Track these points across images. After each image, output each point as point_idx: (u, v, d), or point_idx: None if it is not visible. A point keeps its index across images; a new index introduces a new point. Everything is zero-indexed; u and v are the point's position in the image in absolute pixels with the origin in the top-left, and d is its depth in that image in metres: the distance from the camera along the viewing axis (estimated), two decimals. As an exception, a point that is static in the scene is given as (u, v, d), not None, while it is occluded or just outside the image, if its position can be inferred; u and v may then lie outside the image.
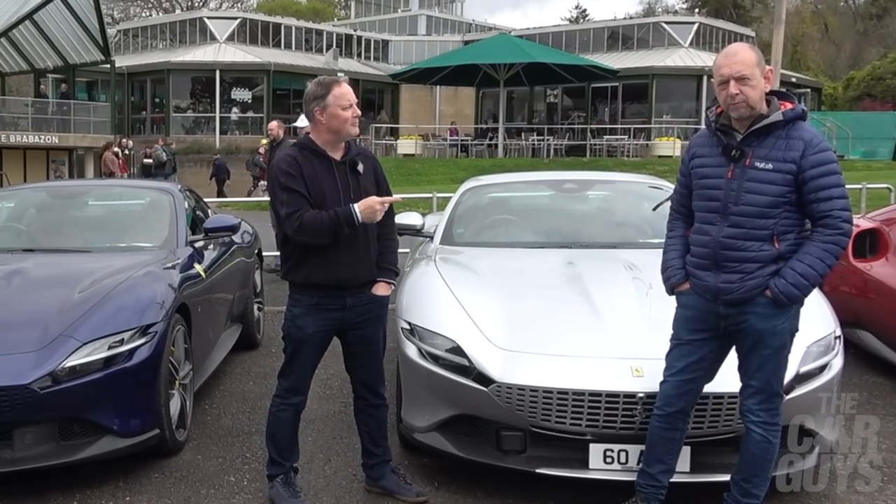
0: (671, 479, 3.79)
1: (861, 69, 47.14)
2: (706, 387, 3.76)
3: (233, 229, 6.09)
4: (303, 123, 10.23)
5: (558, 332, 4.24)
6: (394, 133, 37.63)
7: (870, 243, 6.57)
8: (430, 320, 4.42)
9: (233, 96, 37.87)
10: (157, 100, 39.22)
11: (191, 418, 5.06)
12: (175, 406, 4.74)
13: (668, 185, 6.22)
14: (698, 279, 3.66)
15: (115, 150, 25.25)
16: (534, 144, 33.11)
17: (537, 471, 3.97)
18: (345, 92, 3.88)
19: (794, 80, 39.20)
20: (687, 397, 3.70)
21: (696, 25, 39.63)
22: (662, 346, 3.80)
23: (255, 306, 7.34)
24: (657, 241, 5.41)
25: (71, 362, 4.16)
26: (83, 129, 31.66)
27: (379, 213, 3.85)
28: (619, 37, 40.47)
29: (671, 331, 3.79)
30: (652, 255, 4.91)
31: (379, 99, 42.01)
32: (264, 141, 10.46)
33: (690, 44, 38.28)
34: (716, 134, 3.60)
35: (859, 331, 6.51)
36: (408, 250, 6.67)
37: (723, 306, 3.59)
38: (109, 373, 4.25)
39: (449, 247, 5.69)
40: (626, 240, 5.68)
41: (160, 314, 4.57)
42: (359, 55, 43.82)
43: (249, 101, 37.93)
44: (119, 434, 4.30)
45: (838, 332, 4.31)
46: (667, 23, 40.28)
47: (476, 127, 39.06)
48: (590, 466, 3.93)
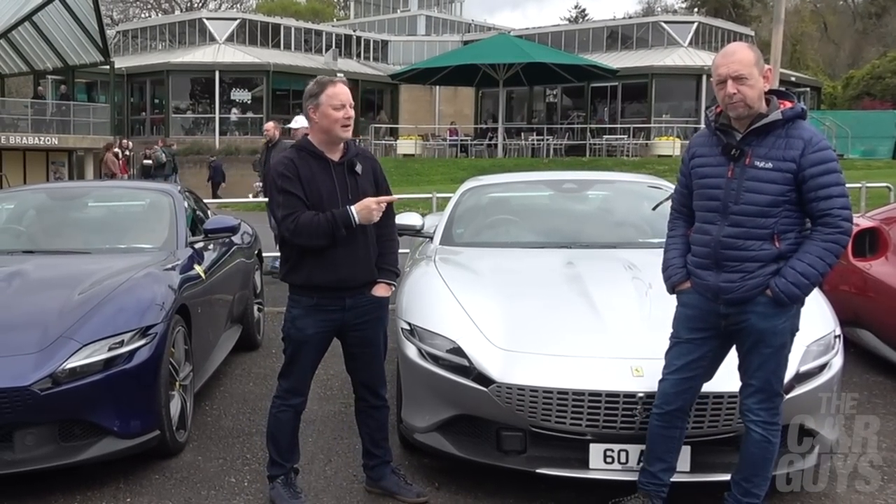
0: (672, 479, 3.79)
1: (860, 68, 47.13)
2: (706, 386, 3.76)
3: (232, 230, 6.09)
4: (296, 125, 10.25)
5: (558, 332, 4.24)
6: (393, 133, 37.62)
7: (869, 242, 6.58)
8: (429, 321, 4.42)
9: (232, 97, 37.86)
10: (156, 101, 39.21)
11: (191, 419, 5.06)
12: (175, 407, 4.74)
13: (668, 184, 6.22)
14: (699, 278, 3.67)
15: (116, 151, 25.28)
16: (533, 144, 33.09)
17: (537, 471, 3.97)
18: (338, 92, 3.86)
19: (793, 79, 39.21)
20: (685, 396, 3.70)
21: (695, 25, 39.63)
22: (662, 345, 3.80)
23: (256, 307, 7.35)
24: (657, 240, 5.41)
25: (71, 364, 4.16)
26: (83, 130, 31.64)
27: (375, 214, 3.85)
28: (618, 36, 40.46)
29: (671, 330, 3.79)
30: (652, 254, 4.91)
31: (378, 99, 42.02)
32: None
33: (690, 43, 38.28)
34: (716, 133, 3.61)
35: (859, 329, 6.52)
36: (407, 251, 6.67)
37: (723, 305, 3.59)
38: (110, 374, 4.25)
39: (449, 247, 5.69)
40: (625, 240, 5.68)
41: (160, 315, 4.58)
42: (358, 55, 43.81)
43: (249, 102, 37.92)
44: (119, 435, 4.30)
45: (838, 332, 4.31)
46: (666, 22, 40.28)
47: (476, 127, 39.05)
48: (590, 466, 3.93)
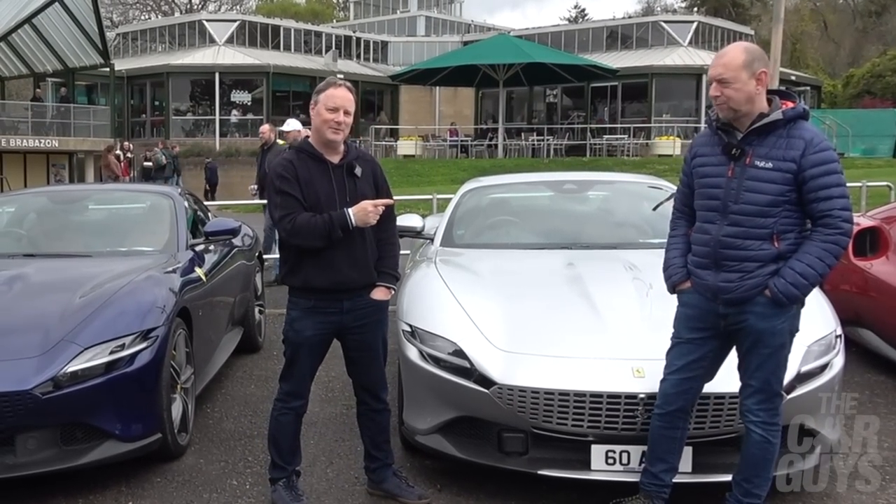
0: (674, 480, 3.79)
1: (860, 67, 47.10)
2: (707, 387, 3.76)
3: (233, 233, 6.09)
4: (288, 128, 10.27)
5: (559, 333, 4.24)
6: (394, 134, 37.63)
7: (870, 241, 6.57)
8: (430, 322, 4.42)
9: (232, 98, 37.87)
10: (156, 103, 39.23)
11: (193, 422, 5.06)
12: (177, 410, 4.74)
13: (668, 184, 6.22)
14: (699, 278, 3.67)
15: (118, 153, 25.31)
16: (534, 144, 33.10)
17: (539, 472, 3.97)
18: (336, 95, 3.85)
19: (793, 78, 39.21)
20: (686, 396, 3.70)
21: (694, 24, 39.64)
22: (663, 346, 3.80)
23: (256, 309, 7.35)
24: (657, 241, 5.42)
25: (72, 367, 4.16)
26: (83, 132, 31.66)
27: (372, 217, 3.83)
28: (618, 36, 40.47)
29: (672, 331, 3.79)
30: (652, 255, 4.91)
31: (378, 100, 42.03)
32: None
33: (689, 43, 38.29)
34: (717, 133, 3.61)
35: (860, 329, 6.51)
36: (408, 252, 6.67)
37: (722, 305, 3.59)
38: (111, 378, 4.25)
39: (449, 248, 5.69)
40: (626, 240, 5.67)
41: (161, 318, 4.58)
42: (358, 56, 43.83)
43: (249, 104, 37.93)
44: (121, 439, 4.30)
45: (839, 331, 4.30)
46: (666, 22, 40.28)
47: (476, 127, 39.06)
48: (592, 468, 3.93)
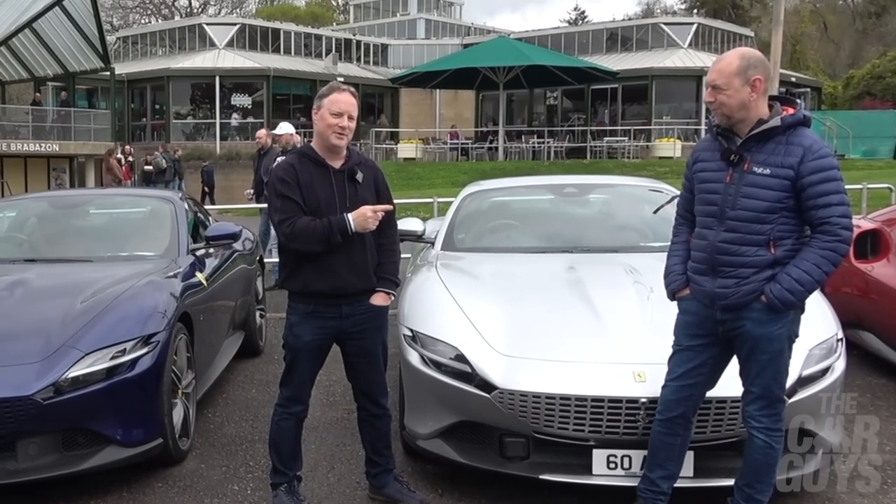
0: (674, 485, 3.78)
1: (860, 68, 47.10)
2: (709, 391, 3.75)
3: (234, 237, 6.08)
4: (281, 131, 10.27)
5: (560, 337, 4.24)
6: (394, 137, 37.62)
7: (871, 244, 6.57)
8: (432, 327, 4.41)
9: (233, 102, 37.86)
10: (157, 106, 39.22)
11: (194, 427, 5.06)
12: (178, 415, 4.74)
13: (669, 188, 6.21)
14: (697, 284, 3.67)
15: (119, 157, 25.32)
16: (534, 147, 33.09)
17: (541, 477, 3.97)
18: (340, 100, 3.86)
19: (793, 79, 39.21)
20: (687, 403, 3.69)
21: (694, 26, 39.64)
22: (664, 350, 3.80)
23: (257, 313, 7.35)
24: (658, 244, 5.42)
25: (74, 373, 4.16)
26: (83, 136, 31.65)
27: (371, 222, 3.83)
28: (618, 38, 40.47)
29: (673, 335, 3.79)
30: (653, 258, 4.91)
31: (379, 103, 42.03)
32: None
33: (689, 44, 38.29)
34: (717, 139, 3.61)
35: (861, 332, 6.51)
36: (409, 255, 6.67)
37: (719, 311, 3.58)
38: (112, 383, 4.25)
39: (450, 252, 5.69)
40: (627, 244, 5.67)
41: (162, 323, 4.58)
42: (358, 59, 43.85)
43: (249, 107, 37.91)
44: (122, 444, 4.31)
45: (840, 335, 4.30)
46: (666, 24, 40.28)
47: (476, 130, 39.04)
48: (593, 472, 3.92)
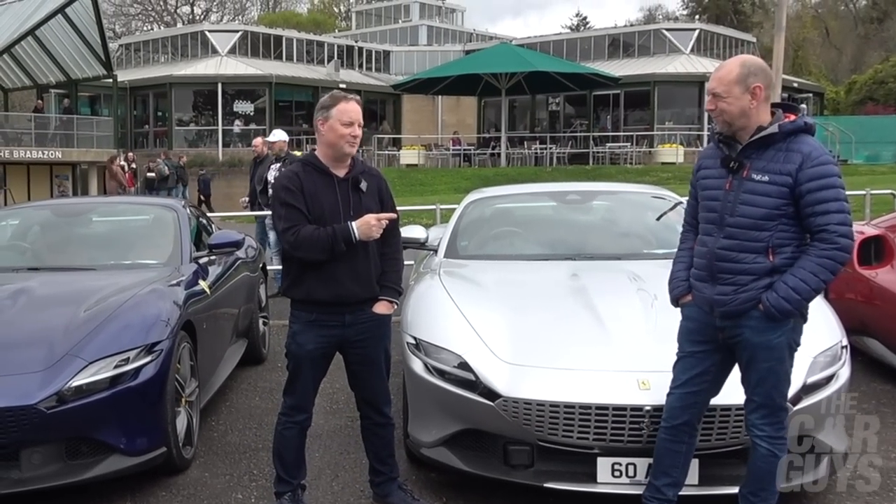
0: (679, 493, 3.77)
1: (863, 73, 47.13)
2: (714, 398, 3.74)
3: (237, 245, 6.08)
4: (274, 138, 10.27)
5: (564, 345, 4.23)
6: (396, 143, 37.68)
7: (875, 250, 6.55)
8: (435, 335, 4.41)
9: (235, 109, 37.95)
10: (159, 113, 39.31)
11: (197, 435, 5.05)
12: (181, 423, 4.73)
13: (672, 195, 6.21)
14: (698, 291, 3.67)
15: (122, 163, 25.35)
16: (536, 153, 33.10)
17: (545, 485, 3.96)
18: (349, 109, 3.88)
19: (795, 85, 39.24)
20: (692, 410, 3.68)
21: (696, 32, 39.68)
22: (669, 358, 3.79)
23: (261, 321, 7.34)
24: (661, 251, 5.42)
25: (77, 382, 4.16)
26: (86, 143, 31.71)
27: (375, 231, 3.84)
28: (620, 44, 40.55)
29: (676, 342, 3.78)
30: (656, 265, 4.91)
31: (381, 109, 42.07)
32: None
33: (691, 50, 38.34)
34: (718, 146, 3.61)
35: (866, 338, 6.49)
36: (412, 262, 6.66)
37: (719, 318, 3.58)
38: (115, 392, 4.25)
39: (453, 260, 5.68)
40: (630, 251, 5.66)
41: (165, 332, 4.58)
42: (360, 66, 43.92)
43: (252, 114, 38.00)
44: (126, 453, 4.30)
45: (845, 342, 4.29)
46: (667, 30, 40.33)
47: (478, 136, 39.07)
48: (598, 480, 3.92)
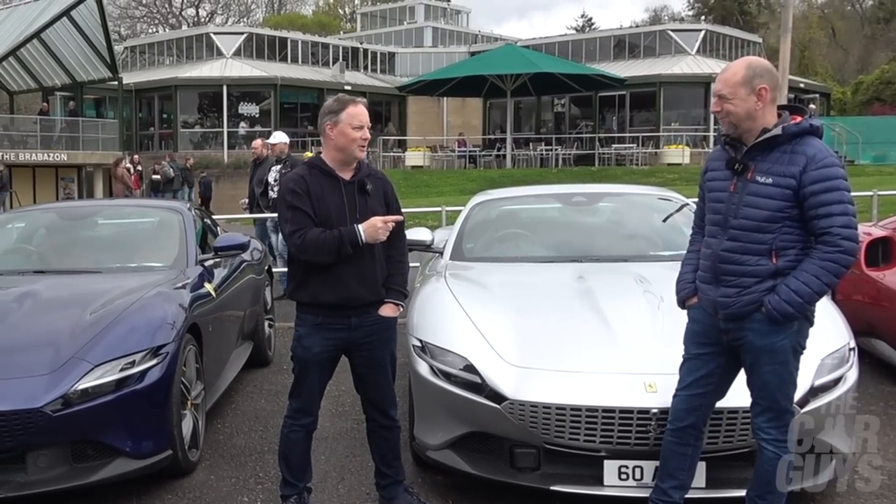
0: (686, 496, 3.75)
1: (870, 73, 47.07)
2: (721, 401, 3.73)
3: (242, 248, 6.07)
4: (275, 140, 10.25)
5: (570, 347, 4.22)
6: (401, 145, 37.71)
7: (882, 251, 6.53)
8: (441, 337, 4.40)
9: (240, 111, 38.02)
10: (164, 116, 39.39)
11: (203, 438, 5.05)
12: (187, 426, 4.73)
13: (679, 196, 6.20)
14: (703, 293, 3.66)
15: (127, 166, 25.39)
16: (542, 154, 33.10)
17: (552, 488, 3.96)
18: (359, 112, 3.89)
19: (802, 85, 39.16)
20: (697, 412, 3.67)
21: (702, 33, 39.64)
22: (675, 360, 3.77)
23: (266, 323, 7.34)
24: (668, 253, 5.41)
25: (83, 385, 4.15)
26: (92, 146, 31.82)
27: (382, 233, 3.83)
28: (625, 45, 40.52)
29: (683, 345, 3.76)
30: (663, 267, 4.90)
31: (386, 111, 42.11)
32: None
33: (697, 51, 38.30)
34: (724, 148, 3.60)
35: (874, 340, 6.47)
36: (417, 264, 6.65)
37: (722, 321, 3.56)
38: (121, 395, 4.25)
39: (459, 262, 5.67)
40: (636, 253, 5.64)
41: (171, 335, 4.58)
42: (365, 68, 43.97)
43: (257, 116, 38.06)
44: (132, 456, 4.30)
45: (852, 344, 4.27)
46: (673, 30, 40.31)
47: (484, 138, 39.09)
48: (605, 483, 3.91)
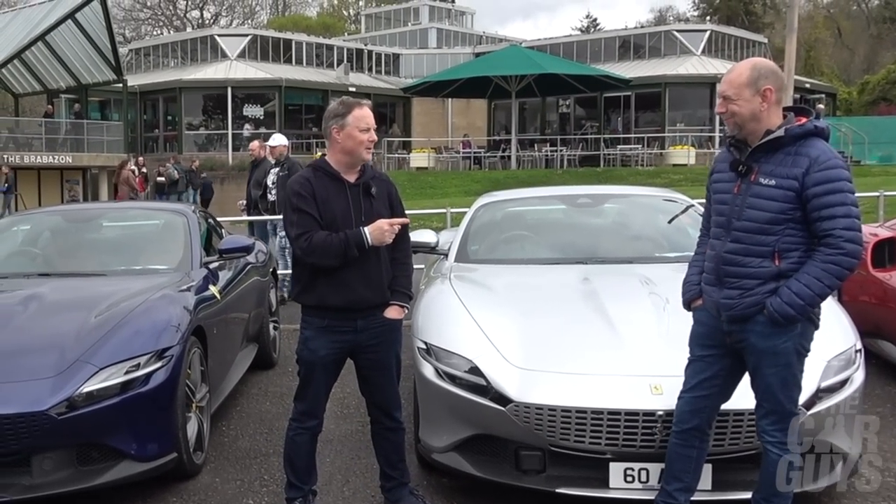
0: (692, 498, 3.74)
1: (875, 73, 46.97)
2: (726, 403, 3.71)
3: (247, 250, 6.09)
4: (274, 142, 10.23)
5: (575, 349, 4.21)
6: (406, 146, 37.70)
7: (889, 253, 6.51)
8: (446, 340, 4.39)
9: (245, 112, 38.05)
10: (169, 117, 39.45)
11: (208, 441, 5.04)
12: (192, 429, 4.73)
13: (684, 197, 6.18)
14: (707, 294, 3.65)
15: (132, 168, 25.41)
16: (547, 155, 33.10)
17: (557, 490, 3.95)
18: (365, 115, 3.89)
19: (807, 85, 39.09)
20: (702, 414, 3.66)
21: (707, 33, 39.61)
22: (681, 362, 3.76)
23: (271, 325, 7.34)
24: (673, 255, 5.39)
25: (88, 388, 4.16)
26: (96, 148, 31.87)
27: (388, 236, 3.84)
28: (630, 46, 40.50)
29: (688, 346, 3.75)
30: (668, 269, 4.89)
31: (391, 112, 42.13)
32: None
33: (702, 51, 38.26)
34: (729, 149, 3.59)
35: (880, 341, 6.44)
36: (422, 266, 6.65)
37: (726, 323, 3.55)
38: (126, 397, 4.25)
39: (464, 264, 5.66)
40: (641, 254, 5.62)
41: (176, 337, 4.57)
42: (370, 69, 43.98)
43: (262, 117, 38.08)
44: (137, 458, 4.30)
45: (859, 346, 4.26)
46: (678, 31, 40.27)
47: (489, 139, 39.09)
48: (610, 485, 3.89)
